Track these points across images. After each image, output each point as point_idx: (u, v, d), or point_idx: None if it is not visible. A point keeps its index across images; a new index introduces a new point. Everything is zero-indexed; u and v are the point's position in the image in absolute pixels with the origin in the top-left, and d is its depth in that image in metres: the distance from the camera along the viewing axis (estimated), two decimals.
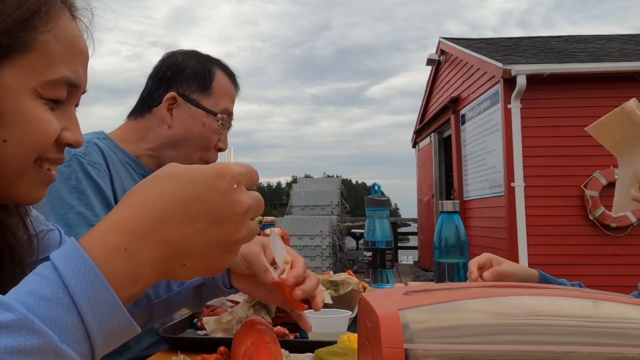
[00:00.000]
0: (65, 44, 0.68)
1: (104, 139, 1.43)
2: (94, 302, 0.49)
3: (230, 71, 1.56)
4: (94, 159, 1.32)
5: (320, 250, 10.28)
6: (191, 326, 1.32)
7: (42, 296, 0.47)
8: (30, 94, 0.66)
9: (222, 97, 1.50)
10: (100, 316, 0.49)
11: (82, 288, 0.49)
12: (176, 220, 0.54)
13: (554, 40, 9.75)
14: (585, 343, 0.46)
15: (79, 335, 0.48)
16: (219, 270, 0.58)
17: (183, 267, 0.55)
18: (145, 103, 1.50)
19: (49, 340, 0.46)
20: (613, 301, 0.50)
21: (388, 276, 1.73)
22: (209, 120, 1.47)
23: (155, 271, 0.54)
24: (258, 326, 0.90)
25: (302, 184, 12.39)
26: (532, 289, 0.54)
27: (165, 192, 0.55)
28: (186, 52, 1.55)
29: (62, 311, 0.47)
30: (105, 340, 0.50)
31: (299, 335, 1.19)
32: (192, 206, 0.54)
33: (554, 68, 7.03)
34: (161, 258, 0.54)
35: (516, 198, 7.06)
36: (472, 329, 0.47)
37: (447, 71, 10.34)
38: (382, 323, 0.48)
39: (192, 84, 1.47)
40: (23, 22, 0.64)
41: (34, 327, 0.45)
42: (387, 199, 1.78)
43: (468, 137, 9.02)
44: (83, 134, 0.78)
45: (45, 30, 0.66)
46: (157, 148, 1.47)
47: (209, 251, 0.55)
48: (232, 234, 0.56)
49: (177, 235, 0.54)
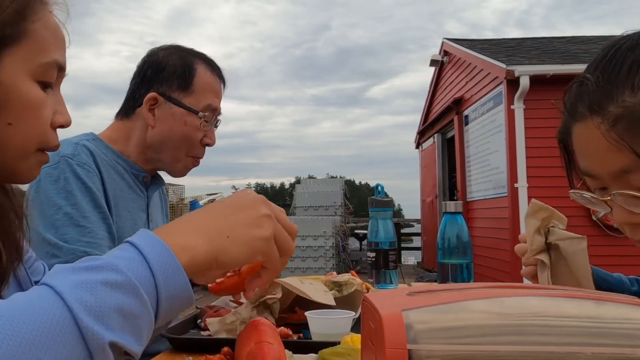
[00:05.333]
0: (51, 32, 0.76)
1: (94, 139, 1.43)
2: (161, 264, 0.59)
3: (215, 65, 1.54)
4: (82, 159, 1.32)
5: (324, 251, 10.28)
6: (195, 327, 1.32)
7: (121, 256, 0.58)
8: (28, 79, 0.72)
9: (204, 94, 1.48)
10: (166, 275, 0.59)
11: (151, 251, 0.59)
12: (211, 212, 0.70)
13: (557, 41, 9.74)
14: (588, 344, 0.46)
15: (150, 288, 0.57)
16: (257, 241, 0.69)
17: (227, 238, 0.67)
18: (129, 104, 1.50)
19: (129, 279, 0.56)
20: (616, 302, 0.50)
21: (391, 277, 1.73)
22: (191, 119, 1.46)
23: (201, 242, 0.65)
24: (262, 327, 0.90)
25: (306, 185, 12.38)
26: (536, 289, 0.54)
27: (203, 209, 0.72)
28: (168, 48, 1.52)
29: (138, 265, 0.58)
30: (168, 299, 0.59)
31: (302, 335, 1.19)
32: (220, 205, 0.71)
33: (557, 69, 7.01)
34: (203, 230, 0.67)
35: (519, 199, 7.05)
36: (476, 329, 0.47)
37: (450, 72, 10.34)
38: (385, 324, 0.48)
39: (172, 83, 1.46)
40: (19, 13, 0.71)
41: (118, 268, 0.56)
42: (391, 199, 1.78)
43: (471, 138, 9.01)
44: (72, 137, 0.83)
45: (35, 20, 0.73)
46: (143, 148, 1.48)
47: (242, 226, 0.69)
48: (255, 213, 0.70)
49: (213, 216, 0.69)
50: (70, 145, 1.34)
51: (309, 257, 10.24)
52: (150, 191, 1.55)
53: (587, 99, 0.82)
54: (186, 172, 1.55)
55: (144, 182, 1.52)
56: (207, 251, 0.65)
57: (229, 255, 0.67)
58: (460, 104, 9.49)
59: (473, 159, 8.94)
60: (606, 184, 0.85)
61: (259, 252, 0.70)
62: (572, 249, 1.01)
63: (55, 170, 1.29)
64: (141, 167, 1.49)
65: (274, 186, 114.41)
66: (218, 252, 0.66)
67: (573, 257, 1.01)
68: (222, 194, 13.83)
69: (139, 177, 1.50)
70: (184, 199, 11.57)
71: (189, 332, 1.28)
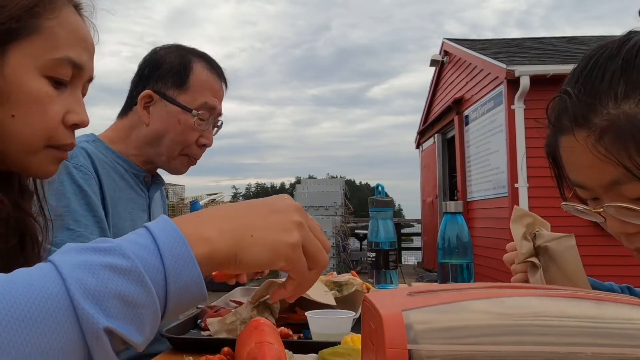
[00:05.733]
0: (69, 31, 0.76)
1: (94, 141, 1.43)
2: (174, 254, 0.56)
3: (214, 64, 1.52)
4: (80, 162, 1.32)
5: None
6: (195, 327, 1.32)
7: (134, 241, 0.56)
8: (36, 74, 0.73)
9: (200, 92, 1.46)
10: (177, 266, 0.56)
11: (166, 239, 0.57)
12: (242, 208, 0.67)
13: (557, 41, 9.74)
14: (588, 344, 0.46)
15: (159, 277, 0.55)
16: (282, 246, 0.65)
17: (251, 237, 0.63)
18: (128, 102, 1.50)
19: (135, 266, 0.53)
20: (616, 302, 0.50)
21: (392, 277, 1.73)
22: (185, 117, 1.44)
23: (224, 236, 0.62)
24: (262, 327, 0.90)
25: (306, 185, 12.39)
26: (536, 289, 0.54)
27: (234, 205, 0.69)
28: (168, 47, 1.52)
29: (149, 253, 0.55)
30: (177, 291, 0.56)
31: (302, 335, 1.19)
32: (255, 203, 0.68)
33: (557, 69, 7.01)
34: (228, 226, 0.63)
35: (520, 199, 7.05)
36: (476, 329, 0.47)
37: (450, 72, 10.34)
38: (385, 324, 0.48)
39: (168, 80, 1.45)
40: (29, 10, 0.72)
41: (125, 253, 0.54)
42: (391, 199, 1.78)
43: (472, 138, 9.01)
44: None
45: (50, 18, 0.74)
46: (140, 146, 1.47)
47: (270, 228, 0.65)
48: (286, 218, 0.66)
49: (242, 212, 0.66)
50: None
51: None
52: (152, 191, 1.55)
53: (572, 111, 0.81)
54: (184, 170, 1.53)
55: (144, 181, 1.52)
56: (228, 246, 0.62)
57: (250, 254, 0.63)
58: (461, 104, 9.49)
59: (473, 159, 8.95)
60: (598, 195, 0.83)
61: (283, 257, 0.65)
62: (561, 248, 1.01)
63: None
64: (140, 166, 1.49)
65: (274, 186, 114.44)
66: (239, 250, 0.63)
67: (563, 255, 1.00)
68: (223, 194, 13.83)
69: (140, 177, 1.50)
70: (184, 199, 11.58)
71: (189, 332, 1.28)
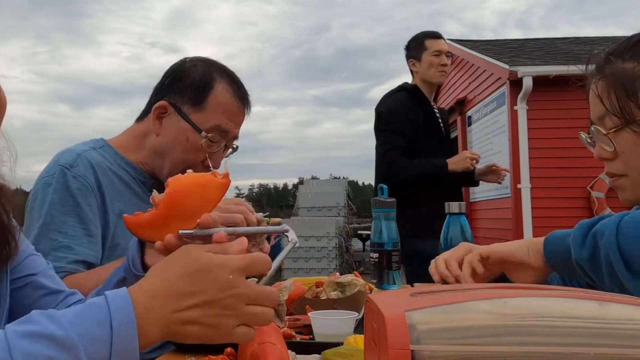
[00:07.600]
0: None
1: (102, 147, 1.41)
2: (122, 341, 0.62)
3: (239, 85, 1.45)
4: (79, 171, 1.30)
5: (327, 251, 10.27)
6: None
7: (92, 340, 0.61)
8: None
9: (215, 113, 1.39)
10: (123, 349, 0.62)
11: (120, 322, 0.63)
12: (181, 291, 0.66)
13: (559, 42, 9.72)
14: (591, 344, 0.46)
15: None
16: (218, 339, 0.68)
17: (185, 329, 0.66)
18: (147, 107, 1.47)
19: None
20: (619, 302, 0.50)
21: (394, 277, 1.72)
22: (193, 136, 1.38)
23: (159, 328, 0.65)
24: (265, 328, 0.90)
25: (309, 186, 12.39)
26: (538, 289, 0.54)
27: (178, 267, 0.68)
28: (197, 59, 1.46)
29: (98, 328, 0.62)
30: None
31: (312, 337, 1.19)
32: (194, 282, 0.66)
33: (560, 70, 7.00)
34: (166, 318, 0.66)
35: (522, 199, 7.04)
36: (479, 330, 0.47)
37: (453, 73, 10.32)
38: (388, 324, 0.48)
39: (185, 95, 1.39)
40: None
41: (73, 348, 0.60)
42: (394, 200, 1.78)
43: (474, 139, 9.00)
44: (80, 143, 0.83)
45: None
46: (148, 155, 1.44)
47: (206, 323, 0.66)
48: (224, 312, 0.66)
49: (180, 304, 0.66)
50: (71, 155, 1.32)
51: (312, 258, 10.24)
52: None
53: (599, 60, 1.08)
54: None
55: (151, 190, 1.50)
56: (162, 338, 0.67)
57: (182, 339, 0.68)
58: (464, 105, 9.48)
59: None
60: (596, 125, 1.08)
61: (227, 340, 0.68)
62: None
63: (50, 178, 1.28)
64: (149, 174, 1.46)
65: (277, 187, 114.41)
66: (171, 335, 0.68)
67: None
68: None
69: (147, 184, 1.45)
70: None
71: None
